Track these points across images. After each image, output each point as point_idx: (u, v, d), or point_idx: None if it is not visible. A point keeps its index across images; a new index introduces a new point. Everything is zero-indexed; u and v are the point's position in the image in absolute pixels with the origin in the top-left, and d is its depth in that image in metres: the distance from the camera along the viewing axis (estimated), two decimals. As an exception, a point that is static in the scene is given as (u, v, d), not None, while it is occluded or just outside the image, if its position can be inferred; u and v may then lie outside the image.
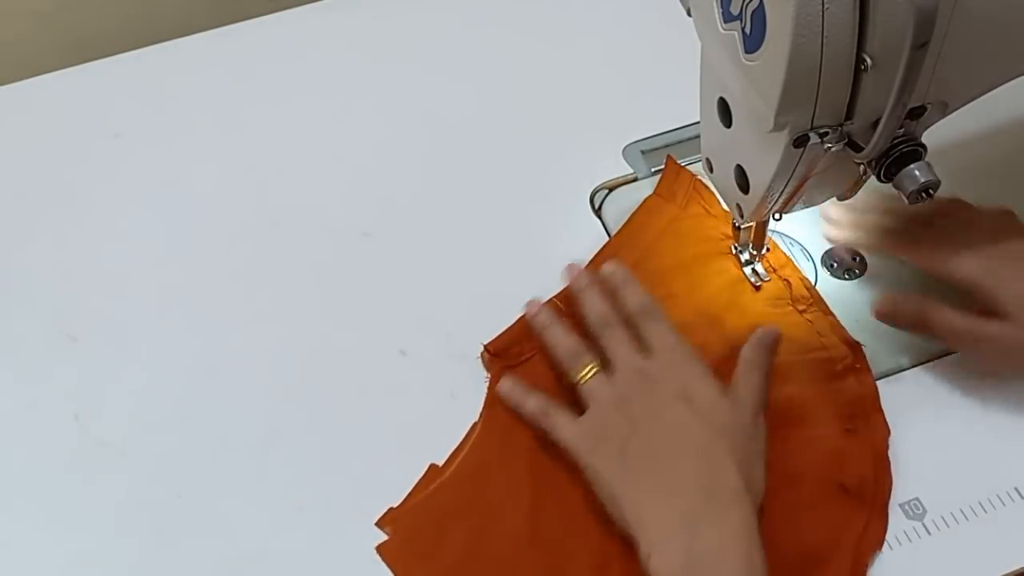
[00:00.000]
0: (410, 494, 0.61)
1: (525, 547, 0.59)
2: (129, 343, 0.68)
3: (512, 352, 0.65)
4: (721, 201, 0.69)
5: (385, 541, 0.60)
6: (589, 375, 0.61)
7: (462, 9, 0.86)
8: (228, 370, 0.67)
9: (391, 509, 0.61)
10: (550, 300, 0.67)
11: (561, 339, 0.63)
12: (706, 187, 0.72)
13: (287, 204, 0.75)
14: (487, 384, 0.65)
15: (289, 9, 0.87)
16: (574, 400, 0.62)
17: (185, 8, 0.92)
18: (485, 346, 0.65)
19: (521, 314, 0.66)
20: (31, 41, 0.92)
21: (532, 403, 0.62)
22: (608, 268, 0.66)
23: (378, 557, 0.59)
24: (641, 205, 0.72)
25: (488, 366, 0.65)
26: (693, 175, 0.72)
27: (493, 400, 0.64)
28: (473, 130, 0.78)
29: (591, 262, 0.69)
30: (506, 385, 0.63)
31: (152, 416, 0.65)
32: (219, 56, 0.84)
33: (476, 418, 0.64)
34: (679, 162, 0.73)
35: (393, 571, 0.59)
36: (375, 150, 0.78)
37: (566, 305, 0.66)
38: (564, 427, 0.60)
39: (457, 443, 0.63)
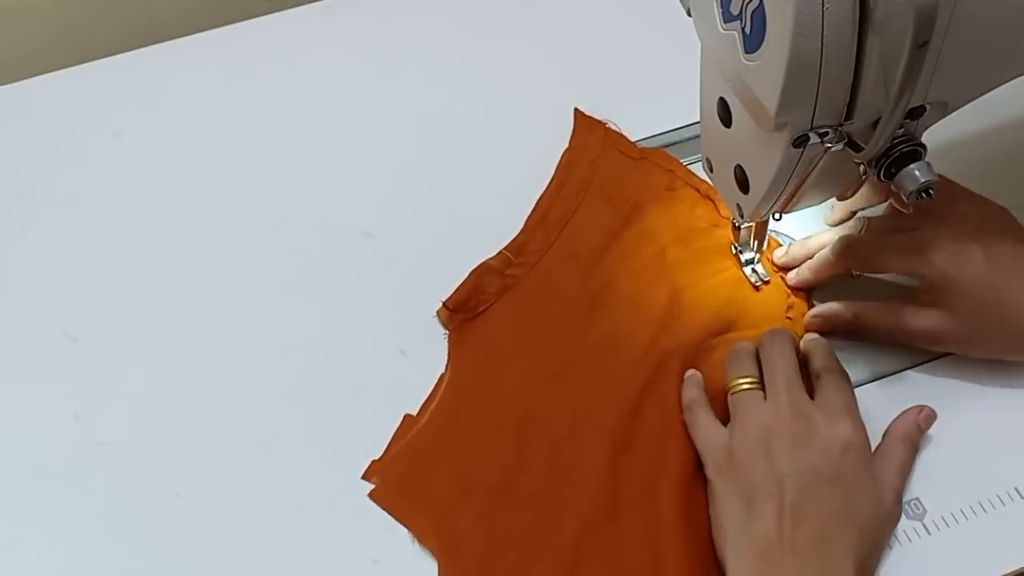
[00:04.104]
0: (390, 444, 0.62)
1: (516, 477, 0.60)
2: (129, 343, 0.68)
3: (469, 305, 0.67)
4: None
5: (375, 488, 0.61)
6: (741, 388, 0.59)
7: (462, 10, 0.86)
8: (228, 370, 0.67)
9: (374, 461, 0.62)
10: (500, 252, 0.69)
11: (742, 345, 0.62)
12: (622, 136, 0.74)
13: (287, 204, 0.75)
14: (447, 339, 0.66)
15: (289, 9, 0.87)
16: (539, 352, 0.64)
17: (185, 8, 0.92)
18: (444, 303, 0.67)
19: (475, 267, 0.68)
20: (31, 41, 0.92)
21: (688, 394, 0.61)
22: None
23: (378, 558, 0.59)
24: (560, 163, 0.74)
25: (447, 322, 0.67)
26: (607, 128, 0.75)
27: (456, 351, 0.66)
28: (473, 130, 0.78)
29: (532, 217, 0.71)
30: (690, 373, 0.62)
31: (152, 416, 0.65)
32: (219, 56, 0.84)
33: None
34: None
35: (390, 514, 0.60)
36: (374, 150, 0.78)
37: (516, 256, 0.69)
38: (703, 430, 0.59)
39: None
